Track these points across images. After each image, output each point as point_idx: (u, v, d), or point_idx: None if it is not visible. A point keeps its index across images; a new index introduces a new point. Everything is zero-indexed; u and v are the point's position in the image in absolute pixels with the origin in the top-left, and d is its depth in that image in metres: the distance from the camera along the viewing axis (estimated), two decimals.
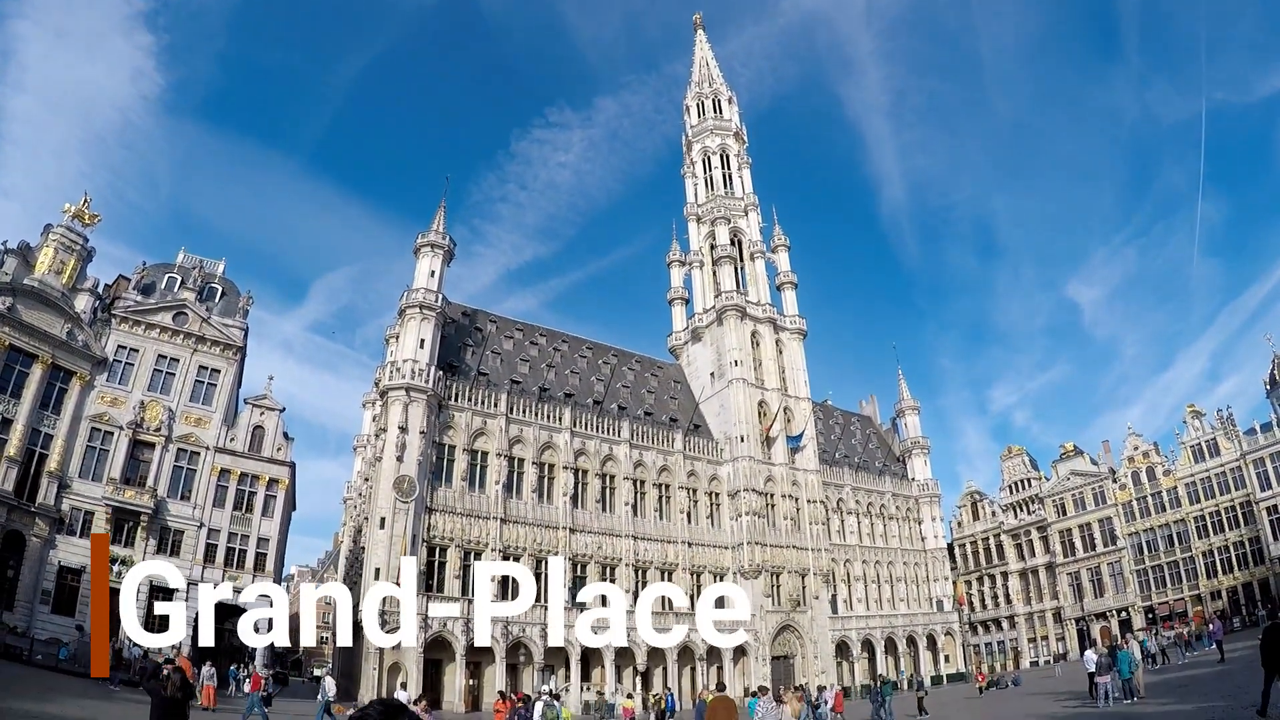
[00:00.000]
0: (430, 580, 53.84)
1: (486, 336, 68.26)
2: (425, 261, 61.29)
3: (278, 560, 57.96)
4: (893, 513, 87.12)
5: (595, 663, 58.63)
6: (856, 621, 77.31)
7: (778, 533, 71.43)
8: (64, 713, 23.53)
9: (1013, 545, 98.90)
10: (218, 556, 51.75)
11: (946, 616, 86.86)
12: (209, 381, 54.18)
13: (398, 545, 51.68)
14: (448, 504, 56.07)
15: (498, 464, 59.11)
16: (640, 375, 78.32)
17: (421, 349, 57.59)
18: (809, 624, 70.94)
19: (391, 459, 53.65)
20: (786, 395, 78.22)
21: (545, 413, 63.38)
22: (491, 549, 56.34)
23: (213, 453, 52.72)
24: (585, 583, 60.29)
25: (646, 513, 66.50)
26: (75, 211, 50.80)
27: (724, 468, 71.98)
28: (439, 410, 57.62)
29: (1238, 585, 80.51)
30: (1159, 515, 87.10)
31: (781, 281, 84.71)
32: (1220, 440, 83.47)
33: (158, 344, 52.63)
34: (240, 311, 57.32)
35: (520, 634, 54.69)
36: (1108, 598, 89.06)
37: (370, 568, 52.23)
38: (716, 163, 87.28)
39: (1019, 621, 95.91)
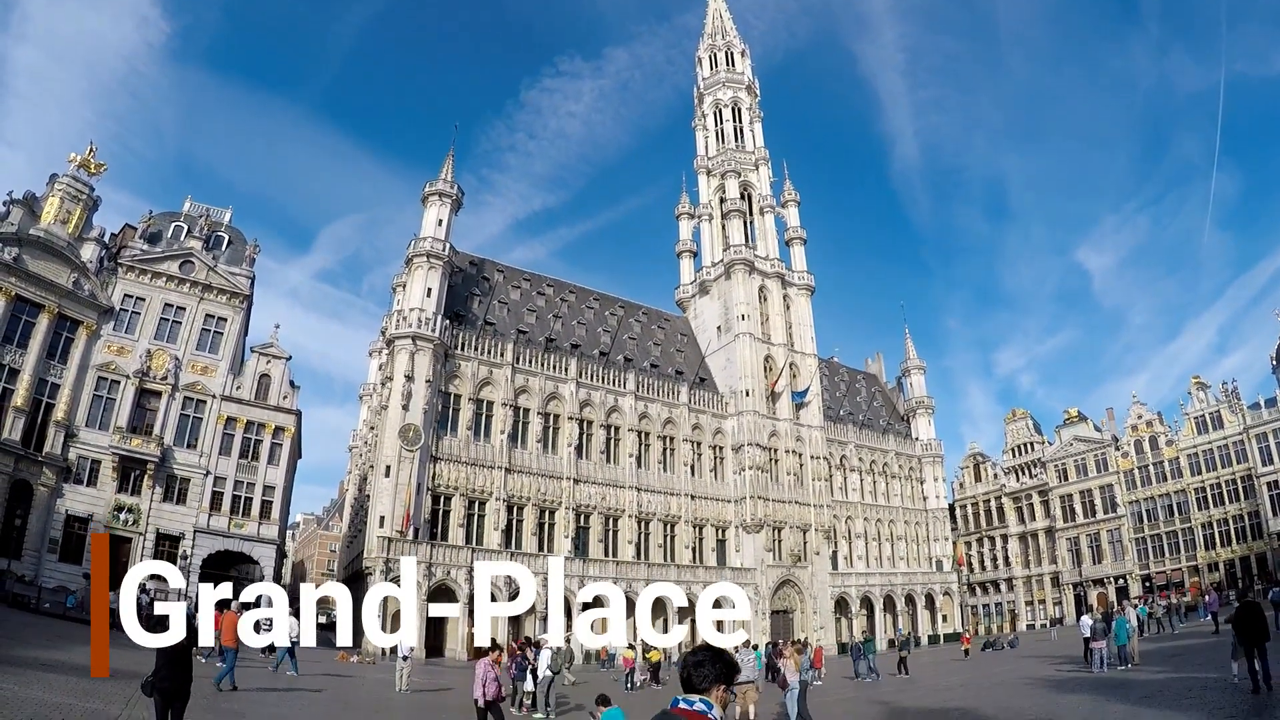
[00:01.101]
0: (434, 529, 54.39)
1: (494, 286, 68.14)
2: (433, 210, 61.13)
3: (283, 508, 58.59)
4: (895, 471, 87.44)
5: None
6: (856, 579, 77.92)
7: (780, 488, 71.79)
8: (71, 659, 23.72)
9: (1013, 508, 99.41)
10: (224, 504, 51.80)
11: (945, 577, 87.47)
12: (215, 330, 53.87)
13: (402, 493, 52.07)
14: (453, 453, 56.33)
15: (503, 414, 59.31)
16: (647, 327, 78.27)
17: (428, 298, 57.59)
18: (809, 579, 71.58)
19: (397, 408, 53.98)
20: (793, 351, 78.27)
21: (551, 363, 63.45)
22: (496, 498, 56.85)
23: (219, 401, 52.63)
24: (589, 533, 61.05)
25: (650, 465, 66.82)
26: (81, 161, 50.30)
27: (728, 422, 72.18)
28: (445, 359, 57.68)
29: (1235, 558, 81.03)
30: (1160, 485, 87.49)
31: (790, 237, 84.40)
32: (1224, 413, 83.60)
33: (164, 293, 52.35)
34: (247, 260, 56.90)
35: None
36: (1106, 564, 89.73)
37: (375, 515, 52.82)
38: (728, 116, 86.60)
39: (1017, 584, 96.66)
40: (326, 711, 23.16)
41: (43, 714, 14.87)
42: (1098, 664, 28.84)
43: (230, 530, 51.50)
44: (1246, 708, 16.51)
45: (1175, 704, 18.43)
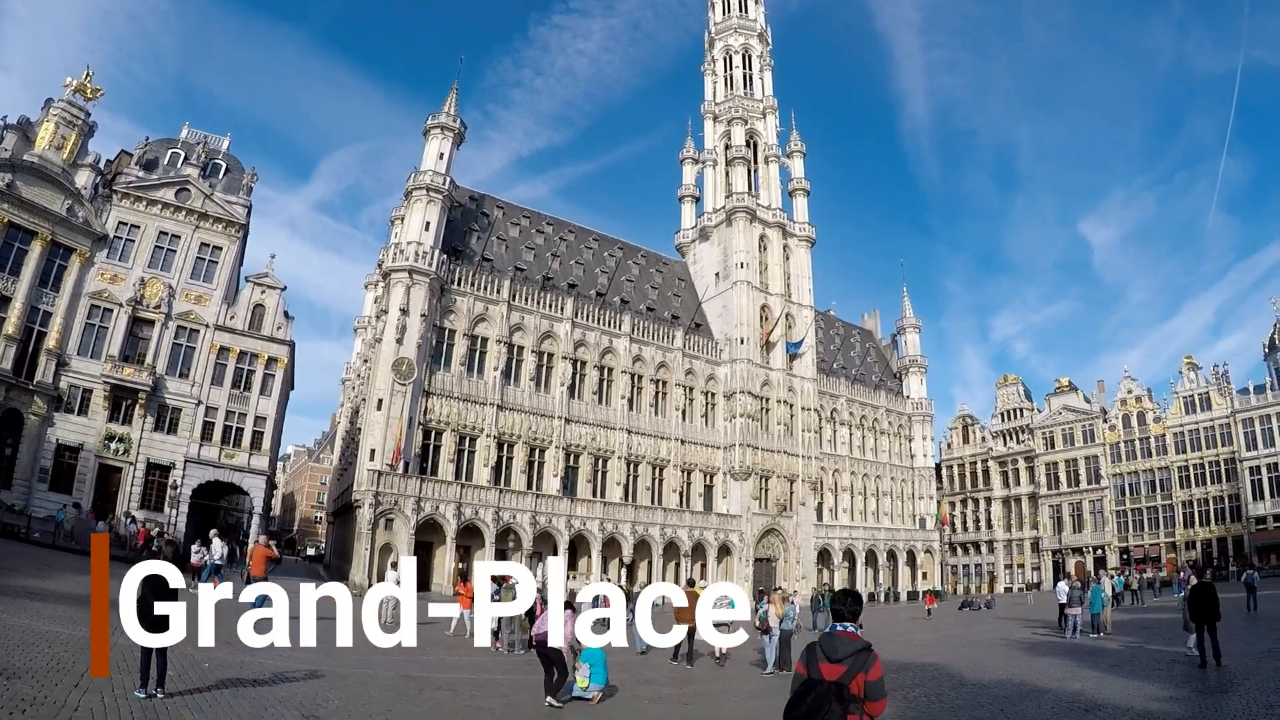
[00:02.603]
0: (425, 463, 54.63)
1: (493, 222, 67.79)
2: (434, 144, 60.52)
3: (274, 439, 58.63)
4: (884, 428, 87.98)
5: (583, 552, 59.89)
6: (840, 531, 78.85)
7: (770, 437, 72.28)
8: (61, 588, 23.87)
9: (999, 472, 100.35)
10: (215, 434, 51.80)
11: (928, 535, 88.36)
12: (210, 259, 53.41)
13: (394, 427, 52.22)
14: (445, 388, 56.51)
15: (497, 350, 59.35)
16: (645, 270, 78.05)
17: (426, 232, 57.28)
18: (794, 529, 72.39)
19: (391, 341, 53.89)
20: (790, 301, 78.20)
21: (547, 302, 63.34)
22: (487, 435, 57.09)
23: (212, 330, 52.31)
24: (578, 473, 61.57)
25: (642, 408, 67.13)
26: (77, 86, 49.40)
27: (722, 368, 72.39)
28: (441, 294, 57.49)
29: (1213, 539, 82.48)
30: (1145, 460, 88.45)
31: (794, 188, 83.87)
32: (1213, 395, 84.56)
33: (159, 220, 51.80)
34: (244, 189, 56.31)
35: (511, 520, 55.64)
36: (1086, 534, 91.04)
37: (365, 448, 53.11)
38: (738, 62, 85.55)
39: (998, 547, 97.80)
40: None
41: (30, 641, 15.02)
42: (1071, 630, 29.38)
43: (221, 461, 51.60)
44: (1211, 682, 17.01)
45: (1143, 674, 18.87)
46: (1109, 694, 15.88)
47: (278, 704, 12.39)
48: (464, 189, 66.93)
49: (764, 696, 17.18)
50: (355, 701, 13.52)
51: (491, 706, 14.75)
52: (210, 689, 12.54)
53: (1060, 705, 15.23)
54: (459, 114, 62.51)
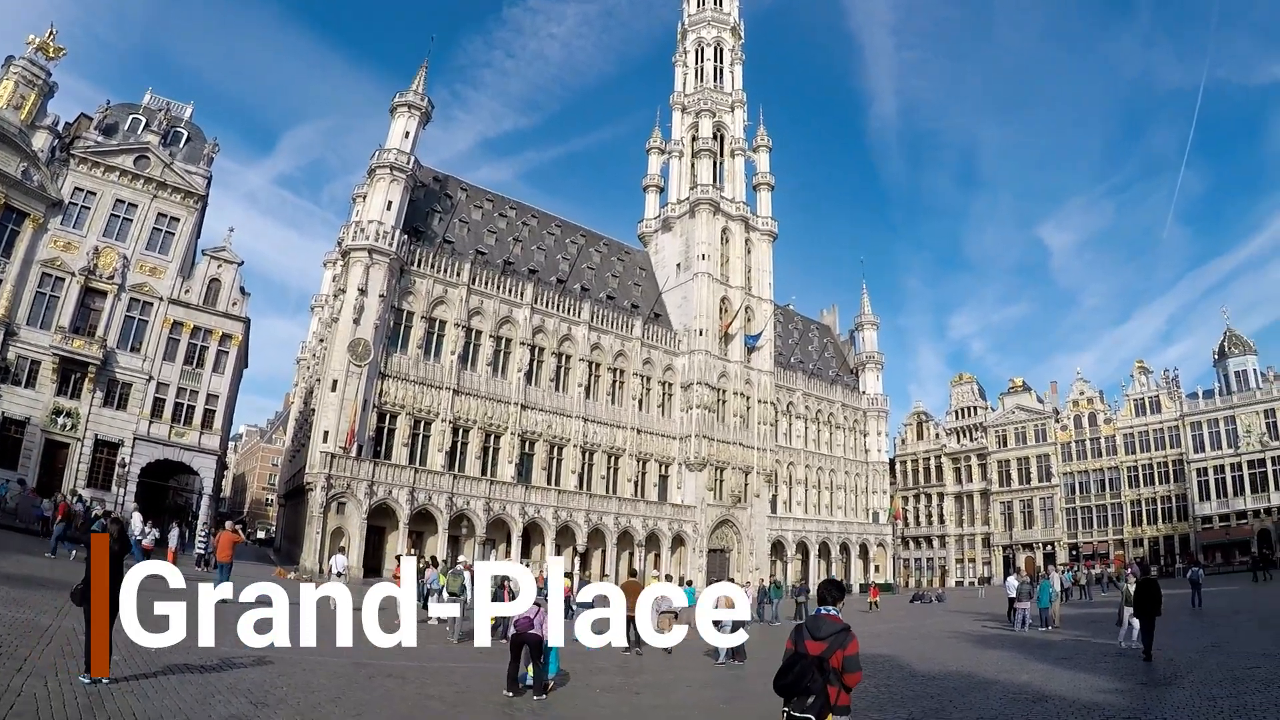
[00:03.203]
0: (379, 447, 54.12)
1: (456, 204, 67.29)
2: (400, 122, 59.94)
3: (226, 418, 57.55)
4: (840, 422, 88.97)
5: (536, 540, 59.80)
6: (794, 523, 79.81)
7: (726, 429, 72.64)
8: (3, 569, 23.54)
9: (952, 468, 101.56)
10: (165, 411, 50.29)
11: (881, 528, 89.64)
12: (167, 230, 51.65)
13: (348, 409, 51.61)
14: (401, 371, 55.98)
15: (455, 334, 58.94)
16: (606, 258, 78.04)
17: (388, 211, 56.59)
18: (748, 521, 72.93)
19: (348, 321, 53.20)
20: (750, 295, 78.61)
21: (507, 286, 62.95)
22: (442, 419, 56.72)
23: (166, 304, 50.72)
24: (533, 460, 61.45)
25: (599, 396, 67.20)
26: (39, 44, 47.63)
27: (680, 359, 72.61)
28: (400, 275, 56.92)
29: (1160, 537, 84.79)
30: (1095, 460, 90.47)
31: (759, 182, 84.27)
32: (1163, 399, 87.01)
33: (116, 188, 49.81)
34: (205, 159, 54.57)
35: (464, 506, 55.30)
36: (1036, 530, 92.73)
37: (319, 430, 52.37)
38: (709, 55, 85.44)
39: (949, 542, 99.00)
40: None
41: None
42: (1020, 624, 30.20)
43: (171, 439, 50.26)
44: (1156, 675, 17.47)
45: (1089, 667, 19.24)
46: (1056, 686, 16.24)
47: (225, 690, 12.27)
48: (428, 169, 66.38)
49: (715, 687, 17.86)
50: (303, 688, 13.45)
51: (442, 694, 14.72)
52: (157, 675, 12.34)
53: (1008, 697, 15.52)
54: (427, 93, 62.04)
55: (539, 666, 14.24)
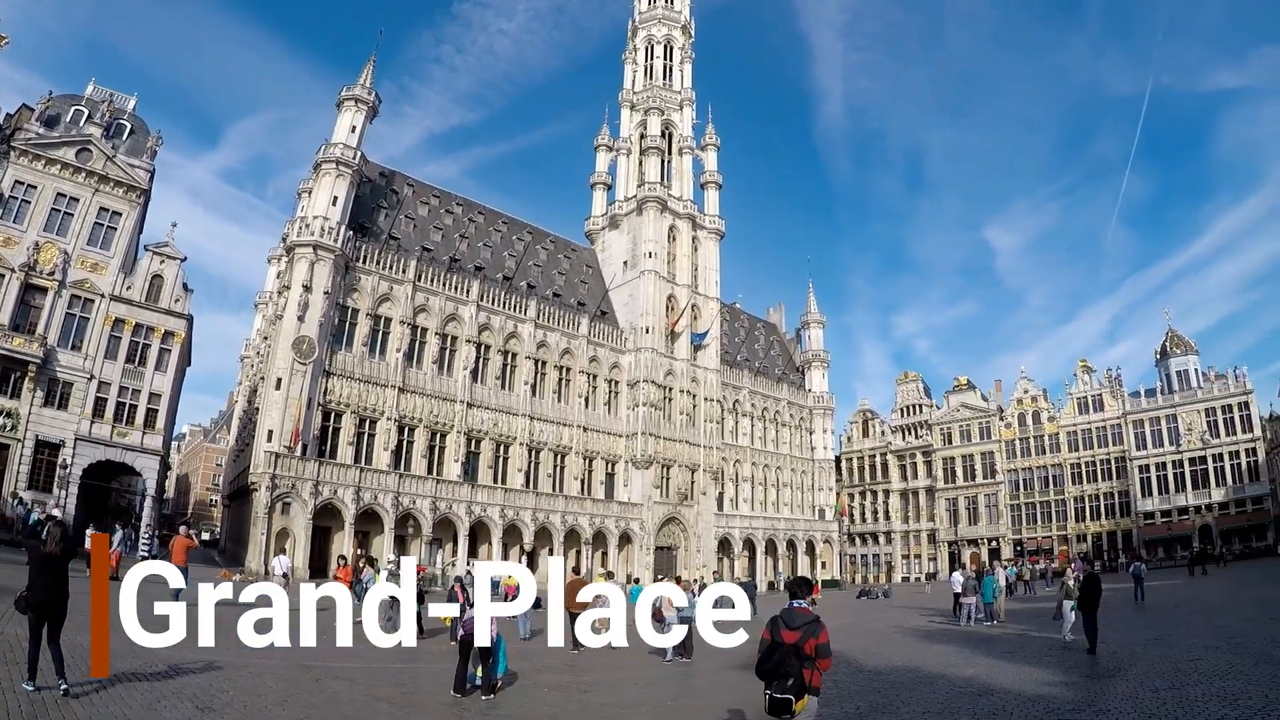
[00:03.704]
0: (324, 446, 53.81)
1: (402, 200, 67.09)
2: (347, 116, 59.50)
3: (169, 418, 56.86)
4: (786, 420, 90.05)
5: (483, 539, 60.03)
6: (741, 520, 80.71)
7: (672, 426, 73.36)
8: None
9: (897, 465, 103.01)
10: (107, 411, 49.21)
11: (827, 525, 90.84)
12: (109, 225, 50.36)
13: (293, 408, 51.29)
14: (346, 369, 55.67)
15: (400, 331, 58.78)
16: (553, 256, 78.29)
17: (334, 206, 56.20)
18: (695, 518, 73.76)
19: (293, 318, 52.72)
20: (696, 293, 79.36)
21: (453, 283, 62.90)
22: (387, 418, 56.56)
23: (108, 301, 49.53)
24: (479, 459, 61.60)
25: (545, 394, 67.45)
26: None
27: (626, 357, 73.19)
28: (345, 271, 56.55)
29: (1103, 532, 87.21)
30: (1039, 457, 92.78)
31: (706, 180, 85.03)
32: (1106, 397, 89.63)
33: (58, 181, 48.42)
34: (148, 152, 53.22)
35: (411, 505, 55.28)
36: (981, 526, 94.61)
37: (263, 429, 51.82)
38: (659, 53, 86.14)
39: (895, 538, 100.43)
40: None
41: None
42: (965, 618, 31.02)
43: (113, 439, 49.19)
44: (1099, 668, 17.98)
45: (1034, 660, 19.75)
46: (1001, 679, 16.66)
47: (171, 696, 12.23)
48: (374, 164, 66.03)
49: (663, 684, 17.99)
50: (250, 692, 13.41)
51: (390, 696, 14.74)
52: (104, 681, 12.02)
53: (955, 690, 15.84)
54: (375, 87, 61.68)
55: (487, 667, 14.38)
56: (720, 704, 14.56)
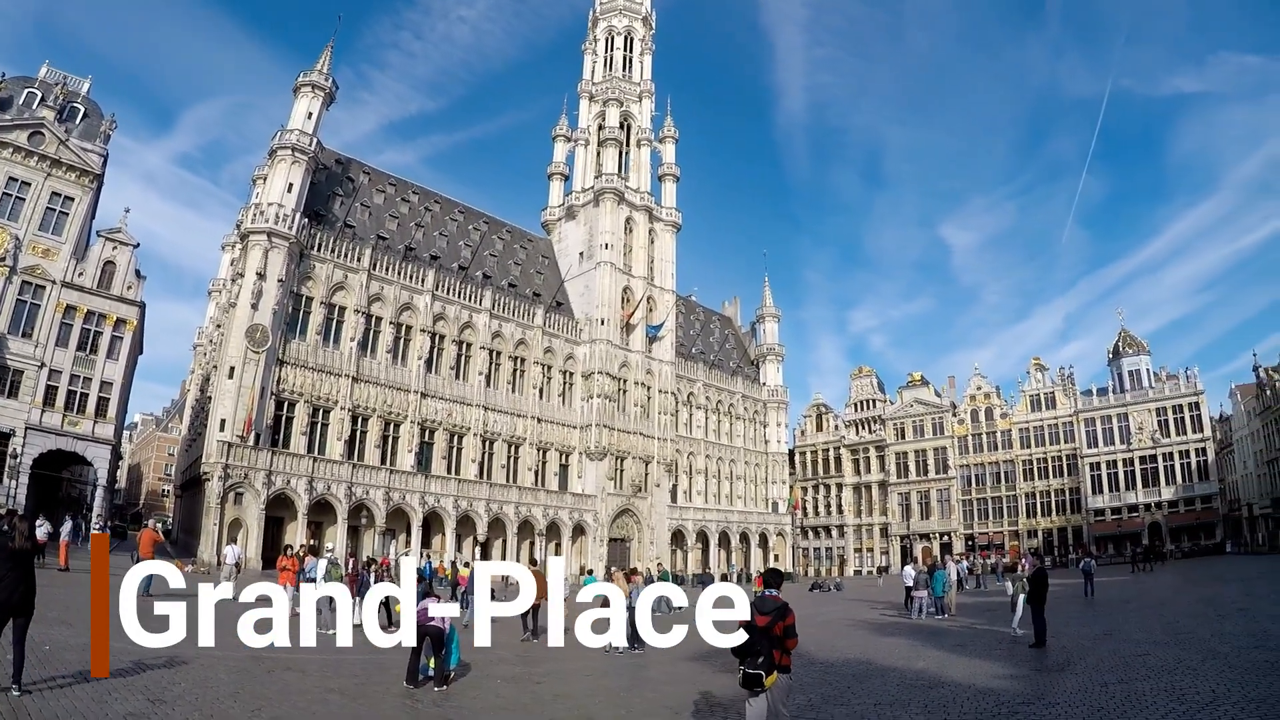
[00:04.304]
0: (277, 435, 53.79)
1: (358, 188, 67.26)
2: (304, 102, 59.46)
3: (121, 407, 56.53)
4: (740, 413, 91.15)
5: (436, 530, 60.58)
6: (694, 513, 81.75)
7: (627, 418, 74.39)
8: None
9: (851, 460, 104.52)
10: (58, 400, 48.73)
11: (780, 518, 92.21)
12: (61, 210, 49.71)
13: (246, 397, 51.18)
14: (300, 358, 55.65)
15: (355, 320, 58.79)
16: (509, 246, 78.80)
17: (289, 193, 56.19)
18: (648, 510, 74.80)
19: (246, 306, 52.61)
20: (652, 285, 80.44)
21: (408, 272, 63.11)
22: (341, 407, 56.65)
23: (59, 287, 48.96)
24: (432, 449, 61.99)
25: (499, 385, 67.93)
26: None
27: (581, 348, 73.88)
28: (300, 259, 56.61)
29: (1054, 528, 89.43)
30: (991, 453, 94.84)
31: (664, 173, 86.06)
32: (1058, 395, 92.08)
33: (9, 165, 47.67)
34: (102, 136, 52.71)
35: (364, 496, 55.53)
36: (933, 520, 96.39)
37: (215, 418, 51.75)
38: (620, 44, 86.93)
39: (848, 531, 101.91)
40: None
41: None
42: (917, 612, 31.71)
43: (64, 428, 48.85)
44: (1049, 661, 18.40)
45: (984, 654, 20.19)
46: (952, 672, 17.06)
47: (123, 689, 12.04)
48: (330, 151, 66.28)
49: (614, 675, 18.18)
50: (202, 684, 13.29)
51: (342, 687, 14.67)
52: (53, 677, 12.08)
53: (905, 683, 16.11)
54: (332, 73, 61.65)
55: (440, 658, 14.49)
56: (672, 694, 15.17)
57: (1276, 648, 17.78)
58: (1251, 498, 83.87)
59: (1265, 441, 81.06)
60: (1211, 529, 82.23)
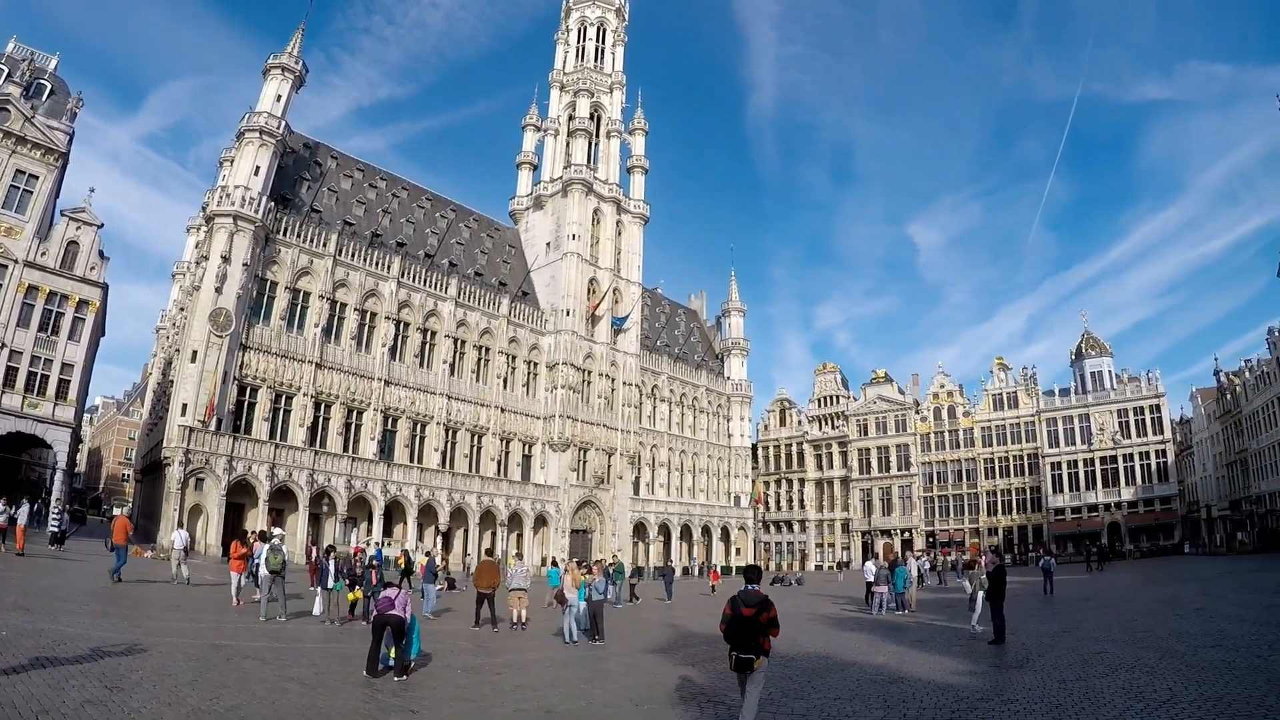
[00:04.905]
0: (239, 421, 53.63)
1: (325, 172, 67.37)
2: (273, 85, 59.38)
3: (82, 389, 55.99)
4: (704, 407, 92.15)
5: (398, 518, 60.80)
6: (656, 505, 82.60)
7: (590, 410, 74.96)
8: None
9: (814, 455, 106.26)
10: (18, 381, 48.45)
11: (742, 512, 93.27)
12: (25, 188, 49.32)
13: (208, 381, 50.93)
14: (263, 343, 55.58)
15: (319, 306, 58.82)
16: (476, 234, 79.11)
17: (256, 176, 56.04)
18: (610, 502, 75.59)
19: (210, 289, 52.46)
20: (619, 277, 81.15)
21: (374, 259, 63.20)
22: (304, 393, 56.70)
23: (21, 266, 48.62)
24: (395, 437, 62.21)
25: (464, 374, 68.34)
26: None
27: (546, 339, 74.42)
28: (265, 243, 56.55)
29: (1014, 526, 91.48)
30: (953, 451, 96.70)
31: (633, 165, 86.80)
32: (1021, 395, 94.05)
33: None
34: (68, 114, 52.57)
35: (325, 483, 55.49)
36: (895, 517, 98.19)
37: (177, 403, 51.51)
38: (592, 34, 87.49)
39: (810, 526, 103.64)
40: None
41: None
42: (877, 607, 32.27)
43: (24, 410, 48.63)
44: (1008, 658, 18.76)
45: (944, 649, 20.46)
46: (911, 668, 17.18)
47: (80, 676, 11.97)
48: (299, 135, 66.41)
49: (573, 666, 18.14)
50: (161, 672, 13.18)
51: (301, 676, 14.46)
52: (11, 665, 12.00)
53: (865, 677, 16.18)
54: (302, 56, 61.56)
55: (400, 648, 14.53)
56: (632, 686, 15.58)
57: (1233, 648, 18.08)
58: (1210, 500, 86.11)
59: (1225, 445, 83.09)
60: (1170, 530, 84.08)
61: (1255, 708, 11.81)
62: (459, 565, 58.39)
